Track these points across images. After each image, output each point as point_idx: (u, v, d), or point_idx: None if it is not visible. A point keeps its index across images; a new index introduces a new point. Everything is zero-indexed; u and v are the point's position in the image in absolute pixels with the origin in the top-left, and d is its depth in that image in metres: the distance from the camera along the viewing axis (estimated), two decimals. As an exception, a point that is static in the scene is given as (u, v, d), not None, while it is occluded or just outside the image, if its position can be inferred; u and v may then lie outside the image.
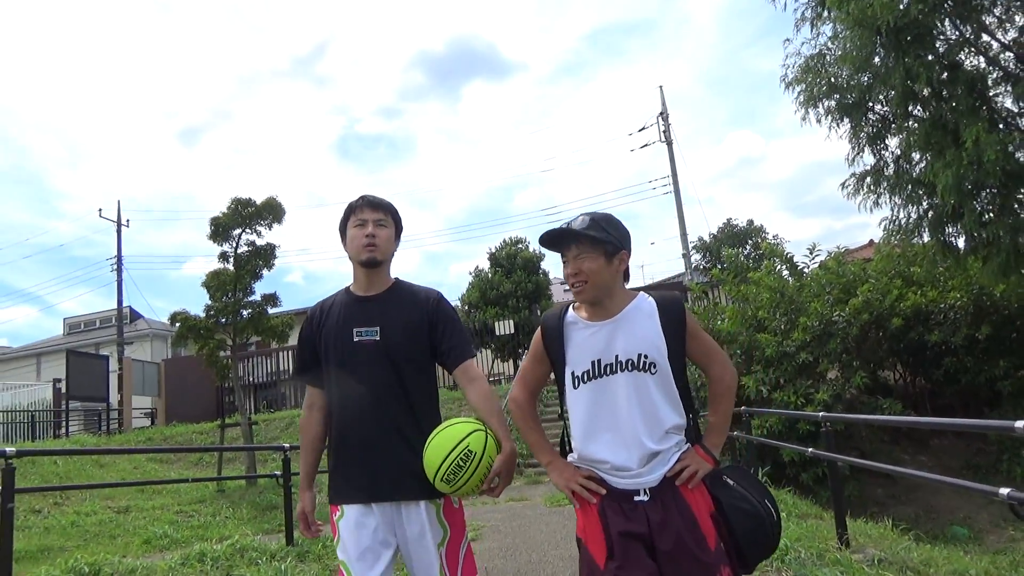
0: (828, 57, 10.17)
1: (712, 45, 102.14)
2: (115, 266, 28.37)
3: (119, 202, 28.33)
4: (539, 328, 2.25)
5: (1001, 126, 8.52)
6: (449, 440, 2.13)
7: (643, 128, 25.37)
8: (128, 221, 29.29)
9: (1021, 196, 8.76)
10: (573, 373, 2.11)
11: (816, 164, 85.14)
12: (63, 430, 21.50)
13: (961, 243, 9.93)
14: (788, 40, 10.58)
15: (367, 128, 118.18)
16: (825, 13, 9.40)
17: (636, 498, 2.01)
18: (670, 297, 2.19)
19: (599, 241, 2.08)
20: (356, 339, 2.32)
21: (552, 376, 2.28)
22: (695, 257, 29.59)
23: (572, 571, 5.17)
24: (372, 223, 2.38)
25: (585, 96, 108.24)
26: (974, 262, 10.08)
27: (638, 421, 2.03)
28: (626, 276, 2.20)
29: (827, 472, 7.02)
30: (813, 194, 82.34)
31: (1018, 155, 8.26)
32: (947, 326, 11.53)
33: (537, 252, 25.58)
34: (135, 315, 32.91)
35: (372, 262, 2.37)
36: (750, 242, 32.53)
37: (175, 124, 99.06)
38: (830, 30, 9.70)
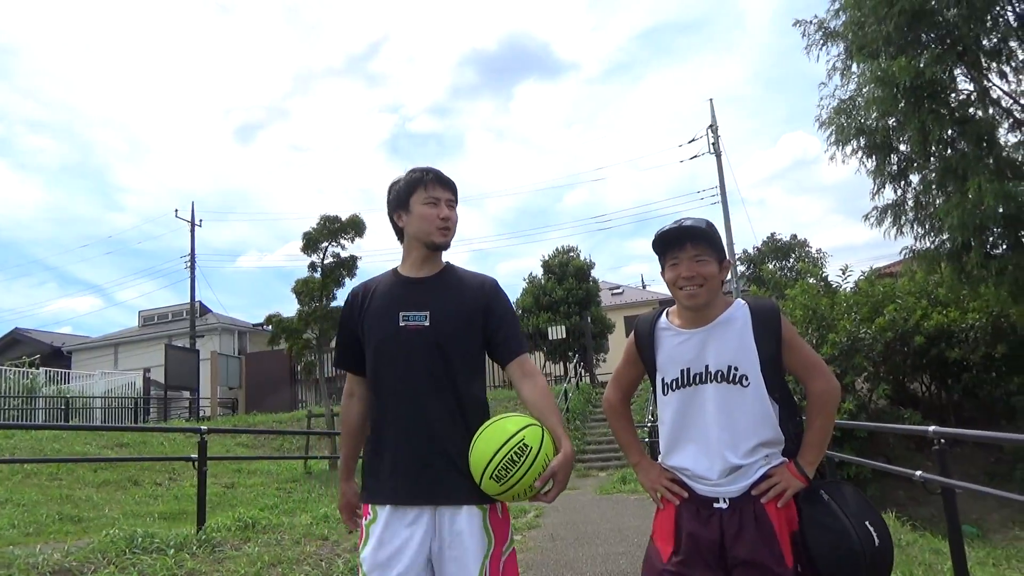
0: (858, 100, 11.36)
1: (767, 44, 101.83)
2: (188, 263, 30.93)
3: (193, 203, 30.88)
4: (632, 332, 2.22)
5: (1009, 173, 9.62)
6: (502, 433, 1.95)
7: (693, 140, 26.27)
8: (201, 221, 31.78)
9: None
10: (663, 380, 2.08)
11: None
12: (151, 415, 23.62)
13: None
14: (823, 84, 11.80)
15: (418, 126, 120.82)
16: (854, 67, 10.61)
17: (715, 505, 1.96)
18: (766, 305, 2.06)
19: (715, 247, 2.03)
20: (402, 323, 2.11)
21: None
22: (740, 268, 30.26)
23: (620, 539, 6.58)
24: (445, 204, 2.19)
25: (637, 95, 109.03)
26: (986, 289, 11.16)
27: (723, 434, 1.96)
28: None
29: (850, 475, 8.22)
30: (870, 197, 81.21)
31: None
32: (967, 344, 12.58)
33: (588, 260, 26.82)
34: (204, 309, 35.04)
35: (445, 246, 2.21)
36: (793, 255, 33.13)
37: (232, 121, 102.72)
38: (857, 80, 10.90)
